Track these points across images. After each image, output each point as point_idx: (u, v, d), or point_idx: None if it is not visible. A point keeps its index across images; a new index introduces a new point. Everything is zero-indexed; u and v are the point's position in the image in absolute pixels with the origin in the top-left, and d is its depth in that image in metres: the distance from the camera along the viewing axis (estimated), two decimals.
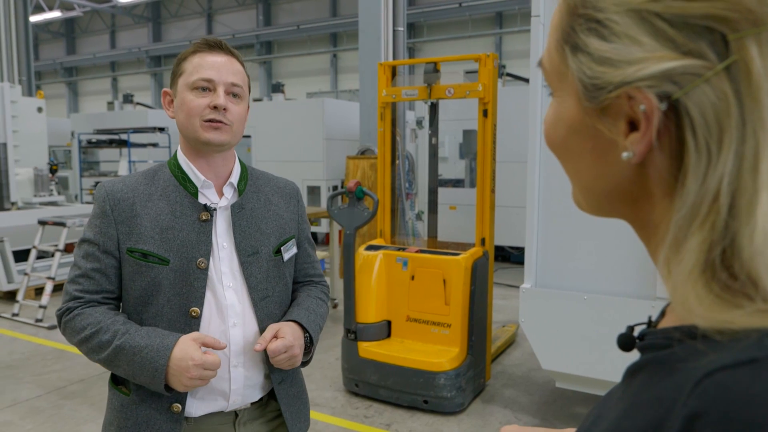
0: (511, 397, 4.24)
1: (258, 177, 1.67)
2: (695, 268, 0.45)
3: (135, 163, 11.06)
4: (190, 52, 1.52)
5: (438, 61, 4.32)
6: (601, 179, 0.55)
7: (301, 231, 1.73)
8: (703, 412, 0.42)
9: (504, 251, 9.03)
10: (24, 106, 8.98)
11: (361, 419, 3.90)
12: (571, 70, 0.53)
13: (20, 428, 3.83)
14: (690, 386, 0.43)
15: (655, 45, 0.46)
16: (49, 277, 6.35)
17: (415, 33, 20.18)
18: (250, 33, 22.82)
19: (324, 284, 1.80)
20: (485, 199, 4.12)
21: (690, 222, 0.46)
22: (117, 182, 1.53)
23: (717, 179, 0.44)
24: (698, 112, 0.45)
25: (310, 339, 1.60)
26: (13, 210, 8.51)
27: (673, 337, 0.49)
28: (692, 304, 0.45)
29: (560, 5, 0.55)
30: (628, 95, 0.48)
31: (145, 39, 25.99)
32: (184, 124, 1.50)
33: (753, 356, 0.42)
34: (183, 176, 1.54)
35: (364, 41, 7.95)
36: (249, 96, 1.59)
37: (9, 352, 5.27)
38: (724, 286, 0.45)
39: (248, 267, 1.55)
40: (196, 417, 1.54)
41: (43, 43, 29.43)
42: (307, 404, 1.76)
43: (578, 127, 0.54)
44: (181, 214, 1.50)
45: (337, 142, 9.52)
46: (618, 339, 0.63)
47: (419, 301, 4.07)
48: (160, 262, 1.47)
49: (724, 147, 0.44)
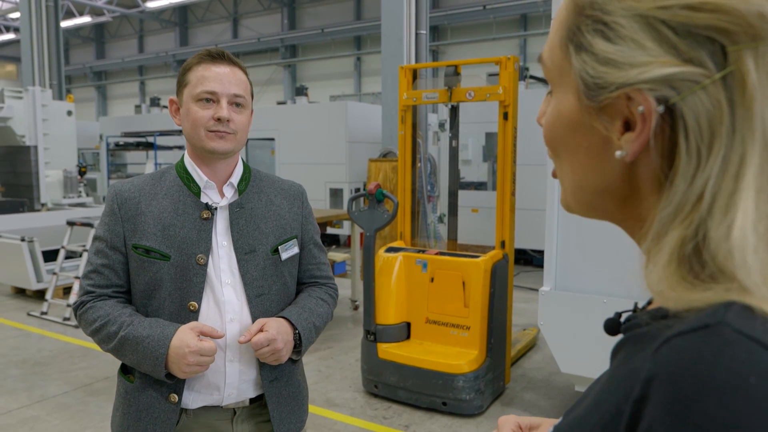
0: (531, 400, 4.23)
1: (262, 179, 1.72)
2: (671, 258, 0.48)
3: (161, 165, 11.23)
4: (194, 63, 1.58)
5: (459, 64, 4.34)
6: (593, 176, 0.57)
7: (305, 232, 1.75)
8: (658, 374, 0.44)
9: (526, 254, 8.99)
10: (54, 110, 9.20)
11: (380, 420, 3.92)
12: (573, 68, 0.55)
13: (47, 423, 3.92)
14: (651, 353, 0.46)
15: (659, 50, 0.49)
16: (77, 276, 6.49)
17: (439, 36, 20.17)
18: (275, 37, 23.02)
19: (330, 286, 1.82)
20: (505, 201, 4.12)
21: (673, 218, 0.49)
22: (126, 183, 1.62)
23: (703, 181, 0.47)
24: (693, 118, 0.47)
25: (300, 336, 1.61)
26: (43, 211, 8.72)
27: (651, 316, 0.52)
28: (665, 289, 0.49)
29: (567, 3, 0.57)
30: (628, 96, 0.50)
31: (172, 43, 26.37)
32: (189, 133, 1.58)
33: (706, 323, 0.45)
34: (187, 177, 1.61)
35: (386, 44, 7.98)
36: (252, 102, 1.66)
37: (38, 349, 5.40)
38: (695, 275, 0.48)
39: (245, 264, 1.59)
40: (194, 409, 1.59)
41: (74, 47, 30.02)
42: (303, 406, 1.76)
43: (576, 124, 0.57)
44: (183, 212, 1.57)
45: (359, 144, 9.57)
46: (605, 324, 0.66)
47: (438, 303, 4.08)
48: (162, 258, 1.54)
49: (713, 152, 0.47)
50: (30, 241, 6.96)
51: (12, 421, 3.95)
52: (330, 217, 6.53)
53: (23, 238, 6.93)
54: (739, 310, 0.45)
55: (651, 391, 0.44)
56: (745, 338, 0.43)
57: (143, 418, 1.56)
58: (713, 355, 0.43)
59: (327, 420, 3.88)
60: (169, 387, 1.55)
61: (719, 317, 0.45)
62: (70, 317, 6.19)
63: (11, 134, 8.77)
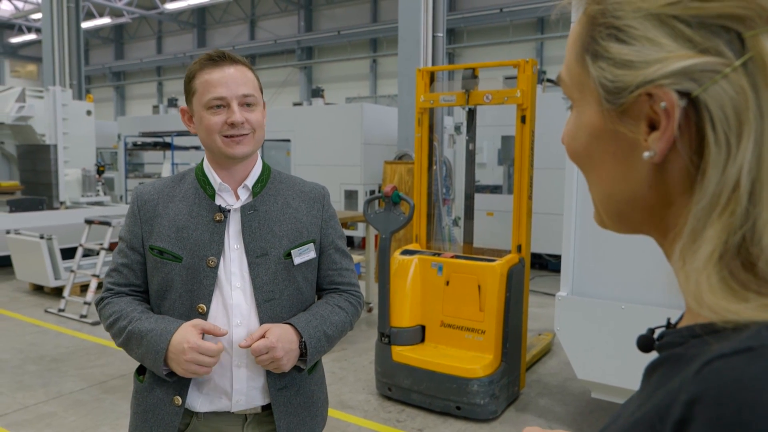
0: (546, 406, 4.20)
1: (281, 181, 1.69)
2: (712, 256, 0.47)
3: (178, 165, 11.32)
4: (197, 69, 1.55)
5: (476, 67, 4.32)
6: (622, 184, 0.57)
7: (325, 236, 1.70)
8: (700, 397, 0.44)
9: (542, 259, 8.93)
10: (74, 110, 9.29)
11: (393, 423, 3.91)
12: (591, 77, 0.55)
13: (63, 419, 3.96)
14: (691, 374, 0.46)
15: (674, 45, 0.49)
16: (94, 274, 6.54)
17: (456, 38, 20.14)
18: (291, 39, 23.12)
19: (352, 293, 1.75)
20: (522, 205, 4.10)
21: (710, 212, 0.48)
22: (147, 185, 1.64)
23: (737, 169, 0.46)
24: (717, 107, 0.47)
25: (305, 345, 1.56)
26: (61, 209, 8.81)
27: (687, 334, 0.52)
28: (704, 292, 0.47)
29: (580, 19, 0.57)
30: (649, 94, 0.50)
31: (190, 44, 26.57)
32: (205, 140, 1.57)
33: (749, 345, 0.44)
34: (204, 179, 1.62)
35: (403, 47, 7.98)
36: (263, 97, 1.64)
37: (55, 345, 5.45)
38: (736, 276, 0.47)
39: (255, 268, 1.57)
40: (205, 413, 1.59)
41: (93, 48, 30.35)
42: (317, 416, 1.71)
43: (600, 132, 0.57)
44: (197, 215, 1.58)
45: (375, 146, 9.58)
46: (638, 340, 0.65)
47: (453, 306, 4.07)
48: (174, 259, 1.55)
49: (743, 138, 0.46)
50: (48, 238, 7.03)
51: (29, 416, 3.99)
52: (345, 219, 6.54)
53: (42, 236, 7.01)
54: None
55: (694, 414, 0.44)
56: None
57: (149, 418, 1.58)
58: (758, 380, 0.42)
59: (340, 422, 3.87)
60: (173, 389, 1.56)
61: (763, 339, 0.44)
62: (87, 315, 6.24)
63: (32, 133, 8.87)
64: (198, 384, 1.57)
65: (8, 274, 8.02)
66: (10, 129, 9.13)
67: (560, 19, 0.62)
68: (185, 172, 1.67)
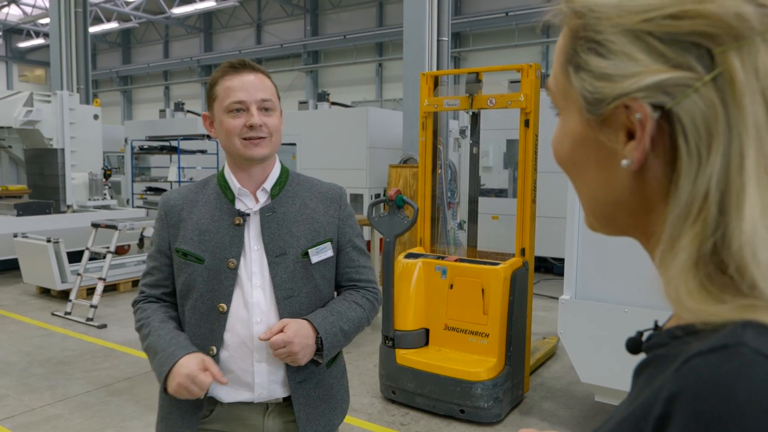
0: (550, 410, 4.20)
1: (299, 182, 1.76)
2: (688, 262, 0.50)
3: (184, 169, 11.36)
4: (219, 77, 1.64)
5: (480, 71, 4.34)
6: (604, 189, 0.59)
7: (342, 235, 1.75)
8: (679, 393, 0.46)
9: (547, 262, 8.92)
10: (81, 113, 9.36)
11: (397, 426, 3.92)
12: (574, 87, 0.58)
13: (69, 422, 3.98)
14: (672, 372, 0.48)
15: (649, 60, 0.51)
16: (100, 277, 6.58)
17: (461, 42, 20.16)
18: (297, 43, 23.20)
19: (370, 290, 1.80)
20: (526, 209, 4.10)
21: (684, 220, 0.50)
22: (174, 192, 1.75)
23: (707, 179, 0.48)
24: (689, 120, 0.49)
25: (321, 341, 1.61)
26: (68, 213, 8.87)
27: (671, 335, 0.54)
28: (683, 297, 0.50)
29: (564, 31, 0.60)
30: (626, 106, 0.53)
31: (197, 49, 26.70)
32: (226, 143, 1.65)
33: (725, 343, 0.46)
34: (225, 185, 1.70)
35: (408, 51, 8.00)
36: (280, 103, 1.71)
37: (61, 348, 5.49)
38: (713, 280, 0.49)
39: (275, 267, 1.64)
40: (229, 403, 1.66)
41: (101, 52, 30.54)
42: (336, 409, 1.76)
43: (582, 140, 0.59)
44: (219, 219, 1.66)
45: (380, 150, 9.59)
46: (626, 342, 0.66)
47: (457, 309, 4.07)
48: (197, 261, 1.64)
49: (713, 150, 0.48)
50: (55, 242, 7.08)
51: (35, 418, 4.02)
52: None
53: (49, 239, 7.06)
54: (757, 329, 0.46)
55: (674, 409, 0.46)
56: (764, 358, 0.44)
57: (174, 410, 1.67)
58: (733, 376, 0.44)
59: (344, 425, 3.88)
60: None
61: (737, 337, 0.46)
62: (93, 318, 6.28)
63: (39, 137, 8.94)
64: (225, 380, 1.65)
65: (15, 278, 8.07)
66: (18, 133, 9.20)
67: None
68: (208, 179, 1.76)
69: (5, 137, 9.73)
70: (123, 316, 6.62)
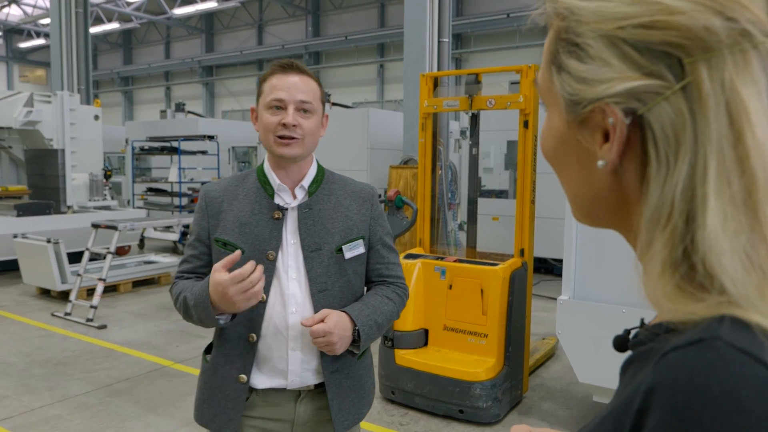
0: (549, 410, 4.20)
1: (334, 181, 1.84)
2: (663, 266, 0.51)
3: (185, 170, 11.37)
4: (268, 75, 1.74)
5: (479, 72, 4.34)
6: (585, 186, 0.61)
7: (373, 233, 1.84)
8: (656, 386, 0.47)
9: (547, 263, 8.92)
10: (82, 114, 9.37)
11: (396, 426, 3.92)
12: (556, 87, 0.59)
13: (68, 422, 3.99)
14: (651, 367, 0.49)
15: (623, 67, 0.52)
16: (100, 278, 6.59)
17: (462, 43, 20.18)
18: (299, 44, 23.23)
19: (399, 285, 1.88)
20: (525, 209, 4.11)
21: (654, 225, 0.51)
22: (214, 184, 1.82)
23: (672, 186, 0.50)
24: (659, 126, 0.50)
25: (359, 333, 1.69)
26: (68, 213, 8.88)
27: (654, 332, 0.55)
28: (661, 300, 0.51)
29: (549, 32, 0.61)
30: (602, 110, 0.54)
31: (198, 49, 26.73)
32: (263, 138, 1.74)
33: (700, 337, 0.47)
34: (264, 180, 1.77)
35: (409, 52, 8.01)
36: (323, 108, 1.78)
37: (61, 349, 5.49)
38: (690, 280, 0.50)
39: (310, 261, 1.72)
40: (263, 390, 1.75)
41: (102, 53, 30.59)
42: (364, 399, 1.86)
43: (564, 138, 0.61)
44: (259, 212, 1.74)
45: (381, 151, 9.60)
46: (614, 340, 0.67)
47: (456, 310, 4.08)
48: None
49: (680, 158, 0.49)
50: (55, 242, 7.08)
51: (34, 419, 4.02)
52: None
53: (49, 240, 7.06)
54: (732, 323, 0.47)
55: (651, 402, 0.47)
56: (738, 352, 0.45)
57: (216, 394, 1.75)
58: (707, 369, 0.45)
59: None
60: (238, 368, 1.73)
61: (713, 331, 0.47)
62: (93, 318, 6.28)
63: (39, 138, 8.94)
64: (258, 364, 1.74)
65: (15, 278, 8.08)
66: (18, 134, 9.21)
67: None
68: (247, 173, 1.83)
69: (5, 138, 9.74)
70: (123, 316, 6.63)
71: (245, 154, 12.31)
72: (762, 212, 0.48)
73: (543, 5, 0.61)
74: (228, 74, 26.33)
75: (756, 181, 0.47)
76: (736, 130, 0.48)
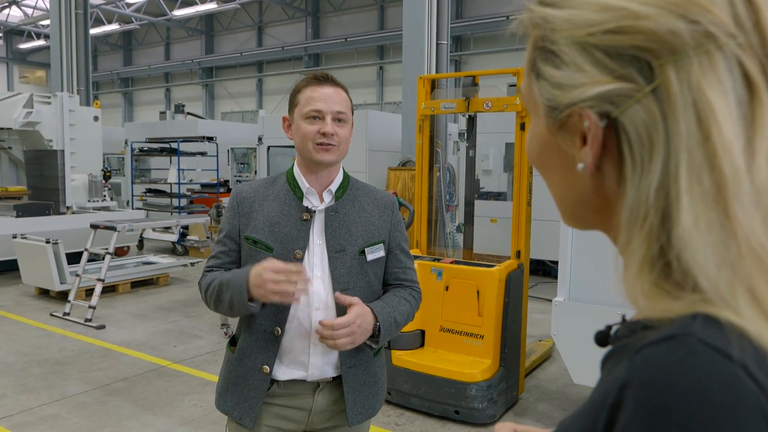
0: (545, 411, 4.21)
1: (359, 188, 1.95)
2: (641, 264, 0.52)
3: (184, 171, 11.38)
4: (303, 86, 1.85)
5: (476, 74, 4.37)
6: (569, 189, 0.63)
7: (393, 239, 1.94)
8: (629, 381, 0.48)
9: (545, 265, 8.94)
10: (81, 115, 9.38)
11: (392, 427, 3.94)
12: (535, 93, 0.62)
13: (66, 421, 4.00)
14: (626, 362, 0.50)
15: (595, 71, 0.54)
16: (99, 278, 6.61)
17: (462, 46, 20.21)
18: (298, 45, 23.27)
19: (414, 288, 1.99)
20: (521, 212, 4.13)
21: (632, 224, 0.53)
22: (245, 185, 1.93)
23: (647, 186, 0.51)
24: (633, 128, 0.52)
25: (379, 328, 1.79)
26: (68, 214, 8.89)
27: (633, 327, 0.56)
28: (639, 298, 0.52)
29: (528, 41, 0.63)
30: (578, 114, 0.56)
31: (198, 51, 26.76)
32: (300, 146, 1.84)
33: (672, 333, 0.48)
34: (294, 183, 1.88)
35: (407, 54, 8.03)
36: (353, 116, 1.91)
37: (60, 349, 5.51)
38: (667, 278, 0.51)
39: (334, 262, 1.82)
40: (284, 381, 1.84)
41: (102, 54, 30.61)
42: (378, 395, 1.95)
43: (546, 143, 0.62)
44: (288, 213, 1.84)
45: (379, 153, 9.61)
46: (595, 336, 0.68)
47: (453, 311, 4.10)
48: (266, 249, 1.81)
49: (653, 158, 0.51)
50: (54, 243, 7.10)
51: (32, 418, 4.04)
52: None
53: (48, 240, 7.08)
54: (705, 320, 0.48)
55: (624, 397, 0.48)
56: (708, 348, 0.46)
57: (240, 383, 1.85)
58: (678, 365, 0.46)
59: None
60: (262, 360, 1.82)
61: (685, 328, 0.48)
62: (91, 318, 6.30)
63: (39, 139, 8.96)
64: (281, 357, 1.83)
65: (15, 278, 8.10)
66: (18, 134, 9.23)
67: None
68: (277, 176, 1.94)
69: (5, 138, 9.76)
70: (121, 317, 6.64)
71: (244, 155, 12.31)
72: (732, 209, 0.49)
73: (521, 15, 0.63)
74: (228, 76, 26.36)
75: (725, 178, 0.49)
76: (704, 129, 0.49)
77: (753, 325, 0.47)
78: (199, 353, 5.44)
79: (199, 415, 4.12)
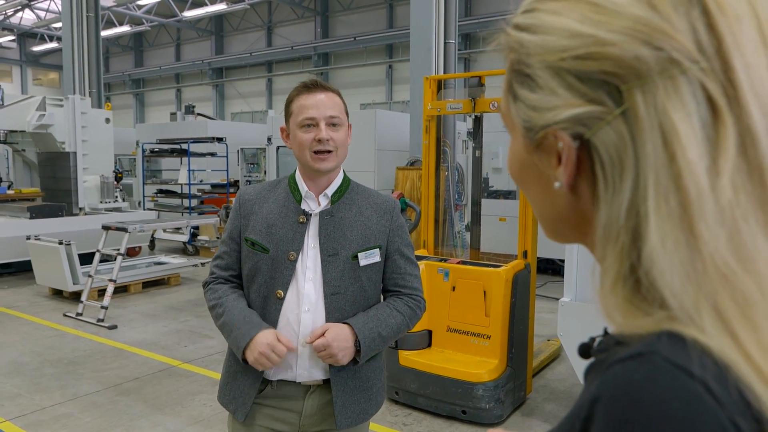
0: (552, 411, 4.22)
1: (358, 192, 1.96)
2: (614, 281, 0.54)
3: (194, 172, 11.46)
4: (294, 95, 1.88)
5: (482, 75, 4.37)
6: (547, 206, 0.65)
7: (391, 243, 1.94)
8: (599, 396, 0.51)
9: (555, 264, 8.92)
10: (93, 117, 9.48)
11: (399, 427, 3.96)
12: (512, 114, 0.64)
13: (79, 420, 4.06)
14: (599, 377, 0.53)
15: (568, 95, 0.56)
16: (111, 279, 6.68)
17: (471, 44, 20.16)
18: (308, 45, 23.31)
19: (413, 297, 1.97)
20: (528, 211, 4.13)
21: (606, 243, 0.55)
22: (249, 187, 1.99)
23: (618, 205, 0.53)
24: (604, 150, 0.54)
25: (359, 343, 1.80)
26: (80, 215, 8.99)
27: (611, 342, 0.58)
28: (612, 312, 0.54)
29: (506, 63, 0.66)
30: (553, 135, 0.58)
31: (208, 52, 26.88)
32: (298, 155, 1.88)
33: (640, 351, 0.50)
34: (294, 186, 1.92)
35: (415, 54, 8.04)
36: (348, 119, 1.93)
37: (72, 349, 5.58)
38: (636, 294, 0.53)
39: (326, 265, 1.85)
40: (276, 382, 1.89)
41: (113, 56, 30.83)
42: (372, 400, 1.95)
43: (525, 161, 0.65)
44: (285, 216, 1.88)
45: (388, 152, 9.63)
46: (578, 348, 0.70)
47: (460, 311, 4.11)
48: (263, 251, 1.86)
49: (624, 178, 0.53)
50: (67, 244, 7.18)
51: (46, 417, 4.10)
52: None
53: (61, 242, 7.17)
54: (669, 338, 0.50)
55: (595, 411, 0.50)
56: (672, 366, 0.48)
57: (237, 378, 1.91)
58: (643, 381, 0.48)
59: None
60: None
61: (651, 346, 0.50)
62: (103, 319, 6.37)
63: (52, 141, 9.07)
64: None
65: (29, 279, 8.20)
66: (31, 137, 9.34)
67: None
68: (281, 179, 1.99)
69: (19, 141, 9.88)
70: (133, 317, 6.72)
71: (254, 155, 12.37)
72: (697, 228, 0.50)
73: (498, 39, 0.66)
74: (238, 76, 26.46)
75: (689, 198, 0.50)
76: (669, 150, 0.51)
77: (716, 341, 0.49)
78: (209, 353, 5.49)
79: (208, 414, 4.17)
